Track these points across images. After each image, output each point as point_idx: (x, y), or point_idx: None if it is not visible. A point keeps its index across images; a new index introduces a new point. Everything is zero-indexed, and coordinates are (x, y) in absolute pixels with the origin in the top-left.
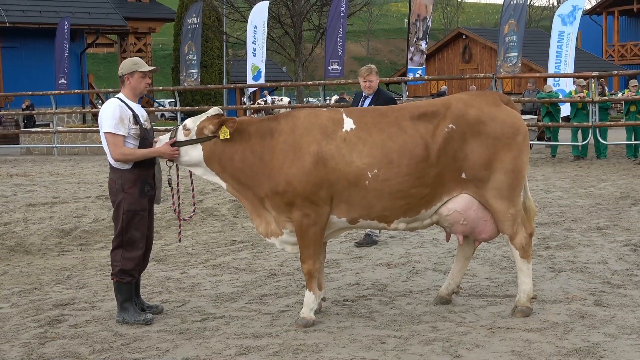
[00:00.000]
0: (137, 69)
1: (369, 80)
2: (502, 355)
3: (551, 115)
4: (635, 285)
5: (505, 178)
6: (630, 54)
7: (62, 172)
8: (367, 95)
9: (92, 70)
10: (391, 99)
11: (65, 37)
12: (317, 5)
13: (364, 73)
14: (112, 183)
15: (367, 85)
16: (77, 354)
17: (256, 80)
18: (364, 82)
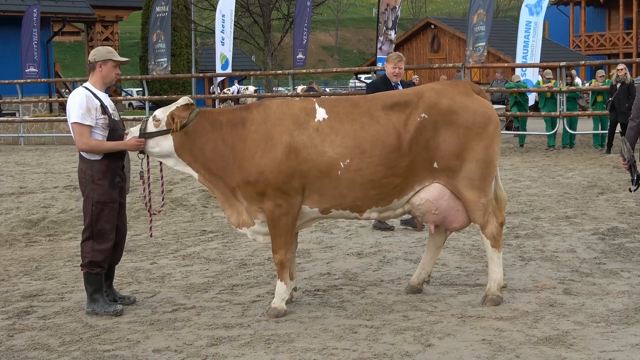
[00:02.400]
0: (112, 58)
1: (399, 67)
2: (473, 344)
3: (520, 105)
4: (604, 274)
5: (476, 168)
6: (597, 45)
7: (29, 162)
8: (395, 84)
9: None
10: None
11: (35, 24)
12: None
13: (395, 59)
14: (81, 173)
15: (396, 72)
16: (46, 346)
17: (224, 70)
18: (394, 69)
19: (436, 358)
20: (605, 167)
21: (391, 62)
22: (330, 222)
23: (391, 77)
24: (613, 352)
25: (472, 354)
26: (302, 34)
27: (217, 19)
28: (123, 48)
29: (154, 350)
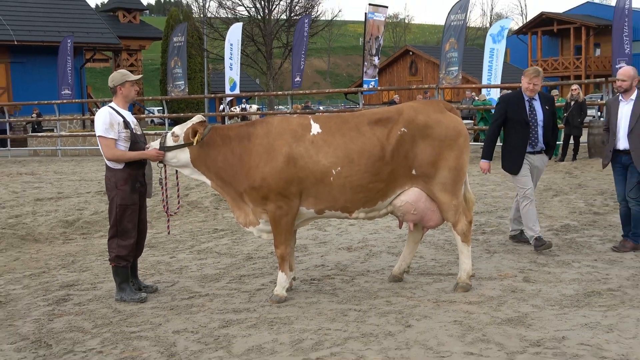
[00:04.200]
0: (127, 79)
1: (534, 83)
2: (446, 325)
3: (485, 120)
4: (557, 264)
5: (449, 174)
6: (551, 68)
7: (65, 171)
8: (529, 98)
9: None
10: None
11: (69, 53)
12: (285, 26)
13: (531, 74)
14: (107, 180)
15: (530, 88)
16: (81, 328)
17: (232, 91)
18: (528, 84)
19: (415, 337)
20: (559, 173)
21: (527, 77)
22: (324, 221)
23: (525, 91)
24: (566, 330)
25: (445, 333)
26: (299, 60)
27: (226, 47)
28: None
29: (173, 331)
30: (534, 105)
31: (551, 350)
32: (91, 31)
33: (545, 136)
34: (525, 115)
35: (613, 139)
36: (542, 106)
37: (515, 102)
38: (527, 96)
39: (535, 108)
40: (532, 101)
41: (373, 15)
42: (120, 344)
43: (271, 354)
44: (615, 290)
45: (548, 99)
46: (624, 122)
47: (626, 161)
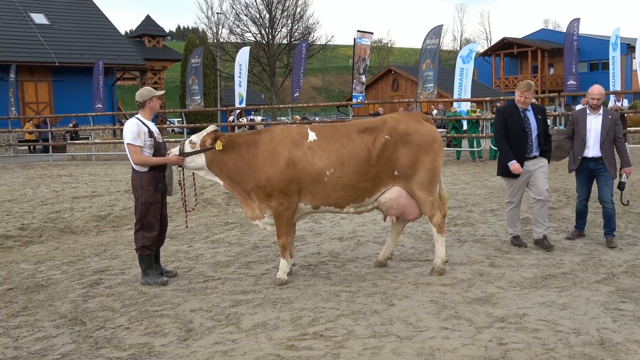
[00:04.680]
0: (154, 94)
1: (525, 96)
2: (424, 304)
3: (456, 129)
4: (519, 251)
5: (425, 175)
6: (512, 85)
7: (99, 173)
8: (523, 110)
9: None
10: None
11: (100, 73)
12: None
13: (522, 88)
14: (133, 181)
15: (522, 100)
16: (111, 308)
17: (241, 104)
18: (520, 97)
19: (397, 314)
20: None
21: (519, 90)
22: (319, 215)
23: (518, 103)
24: (526, 308)
25: (423, 311)
26: (298, 78)
27: (235, 67)
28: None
29: (190, 310)
30: (528, 115)
31: (514, 325)
32: (121, 54)
33: (540, 142)
34: (522, 124)
35: (582, 147)
36: (535, 116)
37: (511, 112)
38: (520, 107)
39: (529, 118)
40: (526, 112)
41: (361, 40)
42: (144, 321)
43: (274, 329)
44: (568, 274)
45: (540, 109)
46: (594, 133)
47: (593, 167)
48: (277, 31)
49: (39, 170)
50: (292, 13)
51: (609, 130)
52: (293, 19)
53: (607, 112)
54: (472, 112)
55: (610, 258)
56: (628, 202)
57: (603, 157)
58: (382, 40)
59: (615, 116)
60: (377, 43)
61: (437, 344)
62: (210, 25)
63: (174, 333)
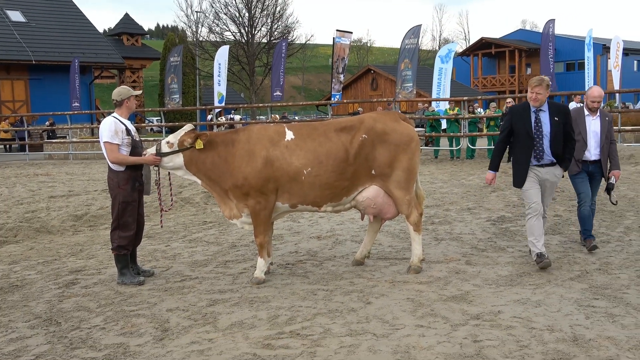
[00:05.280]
0: (132, 94)
1: (536, 92)
2: (401, 302)
3: (434, 128)
4: (494, 249)
5: (402, 174)
6: (490, 84)
7: (76, 172)
8: (535, 109)
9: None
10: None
11: (77, 71)
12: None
13: (533, 84)
14: (110, 180)
15: (533, 97)
16: (87, 308)
17: (220, 103)
18: (531, 94)
19: (374, 312)
20: None
21: (530, 87)
22: (298, 214)
23: (530, 101)
24: (501, 305)
25: (399, 309)
26: (278, 77)
27: (215, 66)
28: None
29: (167, 309)
30: (541, 116)
31: (489, 322)
32: (99, 52)
33: (554, 148)
34: (529, 127)
35: (582, 150)
36: (550, 117)
37: (520, 113)
38: (533, 106)
39: (541, 119)
40: (539, 112)
41: (340, 39)
42: (120, 321)
43: (251, 328)
44: (542, 271)
45: (560, 110)
46: (594, 136)
47: (592, 169)
48: (256, 30)
49: (15, 170)
50: (271, 12)
51: (607, 133)
52: (273, 17)
53: (603, 114)
54: (450, 110)
55: (583, 256)
56: (617, 202)
57: (602, 160)
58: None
59: (610, 117)
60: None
61: (412, 342)
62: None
63: (150, 333)
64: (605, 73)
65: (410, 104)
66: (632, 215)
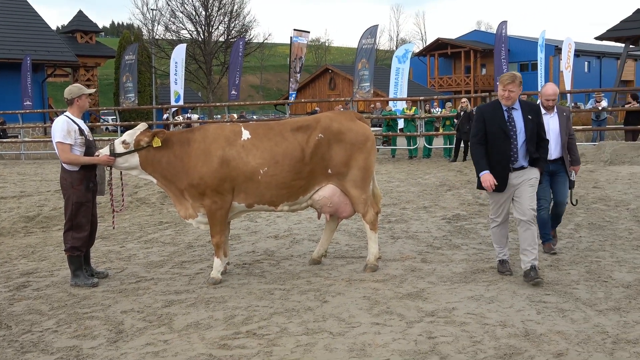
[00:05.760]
0: (83, 92)
1: (509, 89)
2: (357, 300)
3: (391, 127)
4: (449, 247)
5: (359, 173)
6: (446, 84)
7: (28, 172)
8: (507, 108)
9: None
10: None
11: (29, 69)
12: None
13: (505, 80)
14: (63, 180)
15: (505, 95)
16: (39, 311)
17: (177, 102)
18: (503, 91)
19: (330, 311)
20: (452, 171)
21: (501, 84)
22: (255, 214)
23: (501, 99)
24: (455, 302)
25: (356, 307)
26: (235, 76)
27: (171, 65)
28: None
29: (121, 311)
30: (514, 115)
31: (443, 319)
32: (52, 50)
33: (530, 149)
34: (504, 126)
35: None
36: (523, 116)
37: (492, 113)
38: (505, 105)
39: (514, 118)
40: (512, 111)
41: (297, 38)
42: (73, 324)
43: (207, 329)
44: (496, 268)
45: (532, 108)
46: (554, 134)
47: (553, 169)
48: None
49: None
50: (229, 10)
51: (566, 129)
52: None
53: (560, 110)
54: (407, 110)
55: None
56: (577, 202)
57: (563, 157)
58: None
59: (567, 111)
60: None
61: (368, 339)
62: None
63: (104, 335)
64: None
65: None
66: (582, 212)
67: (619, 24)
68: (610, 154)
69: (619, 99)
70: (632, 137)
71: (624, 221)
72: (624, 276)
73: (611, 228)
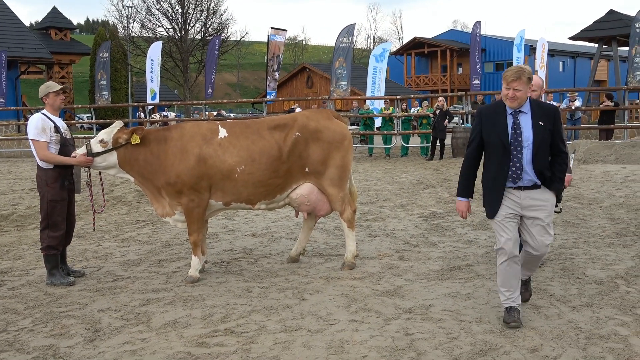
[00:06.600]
0: (50, 90)
1: (513, 88)
2: (335, 297)
3: (368, 126)
4: (426, 245)
5: (336, 171)
6: (423, 83)
7: (2, 171)
8: (513, 111)
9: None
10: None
11: (3, 66)
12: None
13: (509, 77)
14: (38, 178)
15: (510, 95)
16: (14, 310)
17: (153, 100)
18: (507, 90)
19: (308, 308)
20: (429, 169)
21: (504, 81)
22: (233, 212)
23: (505, 100)
24: (432, 299)
25: (334, 304)
26: (211, 74)
27: (147, 62)
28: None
29: (98, 310)
30: (520, 120)
31: (420, 315)
32: (26, 47)
33: (538, 163)
34: (503, 135)
35: None
36: (533, 122)
37: (493, 117)
38: (510, 107)
39: (520, 124)
40: (519, 114)
41: (274, 37)
42: (50, 323)
43: (185, 327)
44: (472, 265)
45: (546, 111)
46: None
47: None
48: (190, 26)
49: None
50: (205, 8)
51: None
52: (207, 14)
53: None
54: (384, 109)
55: None
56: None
57: None
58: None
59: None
60: (292, 40)
61: (346, 337)
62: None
63: (81, 334)
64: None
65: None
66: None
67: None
68: (584, 152)
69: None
70: (606, 136)
71: (597, 219)
72: (597, 273)
73: (585, 226)
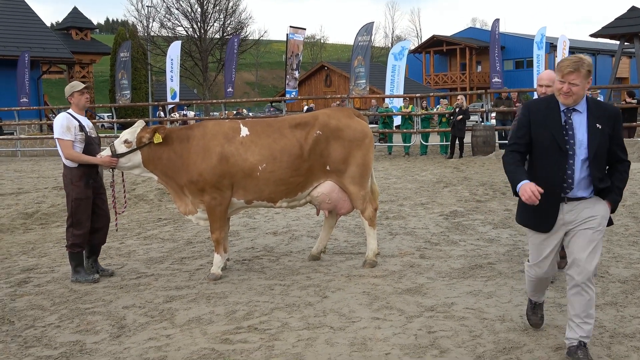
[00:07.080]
0: (74, 90)
1: (569, 82)
2: (356, 295)
3: (386, 124)
4: (447, 243)
5: (357, 169)
6: (442, 81)
7: (25, 170)
8: (566, 108)
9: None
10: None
11: (26, 66)
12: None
13: (566, 67)
14: (64, 177)
15: (564, 90)
16: (40, 306)
17: (173, 99)
18: (561, 84)
19: (330, 306)
20: (448, 168)
21: (558, 73)
22: (254, 210)
23: (558, 96)
24: (454, 297)
25: (356, 302)
26: (231, 73)
27: (167, 62)
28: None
29: (123, 307)
30: (574, 120)
31: (442, 314)
32: (47, 47)
33: (593, 170)
34: (558, 135)
35: None
36: (589, 122)
37: (544, 113)
38: (563, 104)
39: (574, 124)
40: (572, 114)
41: (293, 35)
42: (76, 319)
43: (209, 324)
44: (494, 264)
45: (606, 112)
46: None
47: None
48: (209, 25)
49: None
50: (224, 7)
51: None
52: (225, 13)
53: None
54: (404, 108)
55: None
56: None
57: None
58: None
59: None
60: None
61: (369, 334)
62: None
63: (107, 330)
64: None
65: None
66: None
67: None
68: None
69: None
70: (628, 134)
71: (620, 217)
72: (620, 272)
73: None
